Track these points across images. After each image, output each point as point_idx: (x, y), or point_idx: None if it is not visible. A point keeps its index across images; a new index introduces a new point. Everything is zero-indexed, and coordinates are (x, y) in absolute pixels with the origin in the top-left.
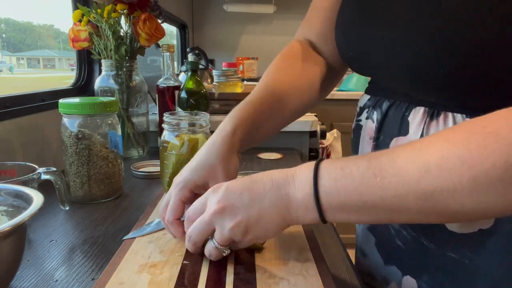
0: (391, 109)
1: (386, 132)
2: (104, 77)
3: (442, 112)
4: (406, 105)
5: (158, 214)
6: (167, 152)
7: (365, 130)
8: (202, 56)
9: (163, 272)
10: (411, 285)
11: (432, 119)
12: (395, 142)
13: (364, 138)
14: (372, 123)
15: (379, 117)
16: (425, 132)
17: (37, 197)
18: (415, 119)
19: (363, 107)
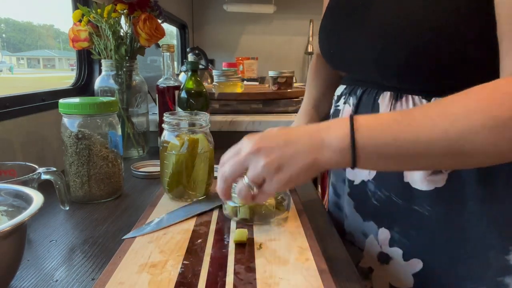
0: (364, 95)
1: (361, 113)
2: (104, 77)
3: (404, 95)
4: (376, 91)
5: (158, 214)
6: (167, 152)
7: (343, 113)
8: (202, 56)
9: (163, 272)
10: (385, 235)
11: (397, 101)
12: None
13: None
14: (349, 107)
15: (354, 101)
16: (391, 110)
17: (37, 197)
18: (384, 102)
19: (340, 95)
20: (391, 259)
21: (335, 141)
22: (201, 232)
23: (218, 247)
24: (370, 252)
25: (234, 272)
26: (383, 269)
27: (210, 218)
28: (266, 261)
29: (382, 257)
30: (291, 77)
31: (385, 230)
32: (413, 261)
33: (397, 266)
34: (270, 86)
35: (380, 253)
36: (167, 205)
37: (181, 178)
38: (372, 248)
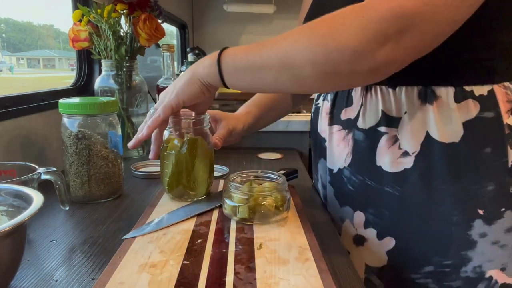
0: (340, 90)
1: (337, 107)
2: (104, 77)
3: (373, 86)
4: None
5: (158, 214)
6: (167, 152)
7: (322, 108)
8: (202, 56)
9: (163, 272)
10: (361, 217)
11: (367, 92)
12: (344, 112)
13: (322, 114)
14: (328, 102)
15: (332, 97)
16: (363, 102)
17: (37, 197)
18: (356, 94)
19: (319, 94)
20: (366, 240)
21: (207, 60)
22: (201, 232)
23: (218, 247)
24: (346, 235)
25: (234, 272)
26: (359, 250)
27: (210, 218)
28: (266, 261)
29: (358, 239)
30: None
31: (360, 213)
32: (386, 240)
33: (372, 246)
34: None
35: (356, 236)
36: (167, 205)
37: (181, 178)
38: (349, 231)
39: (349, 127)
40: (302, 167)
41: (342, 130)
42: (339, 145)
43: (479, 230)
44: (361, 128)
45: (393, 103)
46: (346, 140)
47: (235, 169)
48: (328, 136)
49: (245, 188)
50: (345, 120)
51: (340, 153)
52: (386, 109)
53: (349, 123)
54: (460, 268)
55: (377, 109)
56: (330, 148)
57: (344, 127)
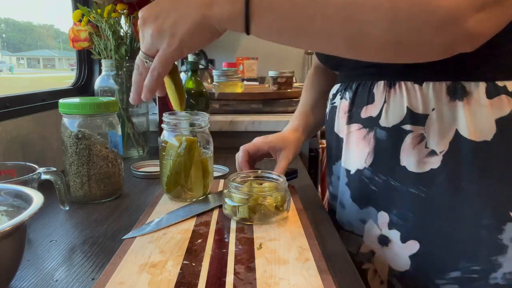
0: (359, 88)
1: (357, 104)
2: (104, 77)
3: (397, 82)
4: (370, 82)
5: (158, 214)
6: (165, 152)
7: (340, 107)
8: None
9: (163, 272)
10: (384, 218)
11: (390, 88)
12: (365, 110)
13: (339, 114)
14: (346, 101)
15: (350, 95)
16: (386, 98)
17: (37, 197)
18: (379, 90)
19: (335, 92)
20: (390, 241)
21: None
22: (201, 232)
23: (218, 247)
24: (370, 236)
25: (234, 272)
26: (383, 251)
27: (210, 218)
28: (266, 261)
29: (382, 239)
30: (291, 77)
31: (384, 213)
32: (410, 243)
33: (396, 248)
34: (270, 86)
35: (380, 236)
36: (167, 205)
37: (180, 178)
38: (372, 232)
39: (370, 126)
40: (302, 167)
41: (362, 129)
42: (359, 145)
43: (511, 234)
44: (383, 126)
45: (420, 100)
46: (366, 139)
47: (235, 169)
48: (346, 136)
49: (245, 188)
50: (365, 118)
51: (359, 153)
52: (412, 106)
53: (371, 121)
54: (490, 274)
55: (401, 106)
56: (347, 148)
57: (364, 126)
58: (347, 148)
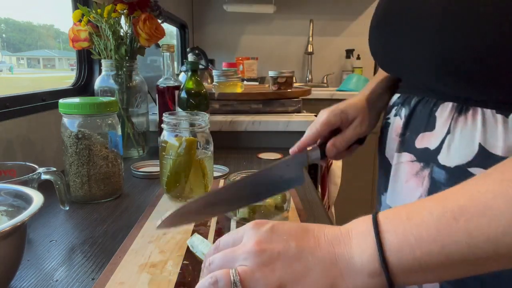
0: (419, 105)
1: (412, 128)
2: (104, 77)
3: (471, 108)
4: (434, 101)
5: (158, 214)
6: (165, 152)
7: (392, 127)
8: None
9: (163, 272)
10: (433, 285)
11: (460, 115)
12: (421, 138)
13: (391, 135)
14: (400, 120)
15: (406, 113)
16: (452, 128)
17: (37, 197)
18: (443, 115)
19: (392, 105)
20: None
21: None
22: (201, 232)
23: None
24: None
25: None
26: None
27: (210, 218)
28: None
29: None
30: (291, 77)
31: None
32: None
33: None
34: (270, 86)
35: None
36: (167, 205)
37: (179, 178)
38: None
39: (425, 160)
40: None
41: (415, 162)
42: (409, 182)
43: None
44: (443, 165)
45: (501, 136)
46: (419, 177)
47: (235, 169)
48: (395, 166)
49: None
50: (421, 149)
51: (409, 193)
52: (487, 143)
53: (427, 154)
54: None
55: (471, 140)
56: (394, 182)
57: (418, 159)
58: (394, 182)
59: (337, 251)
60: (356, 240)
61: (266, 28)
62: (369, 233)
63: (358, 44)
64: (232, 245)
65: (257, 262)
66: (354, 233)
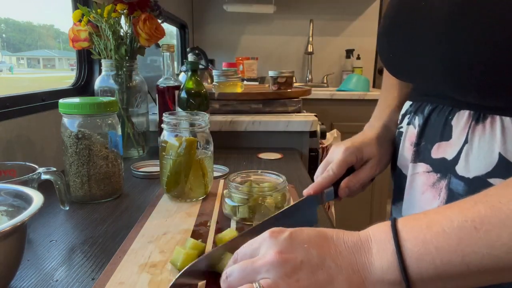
0: (433, 114)
1: (427, 138)
2: (104, 77)
3: (489, 116)
4: (449, 109)
5: (158, 214)
6: (165, 152)
7: (405, 136)
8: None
9: (163, 272)
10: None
11: (477, 123)
12: (437, 148)
13: (404, 144)
14: (414, 129)
15: (420, 122)
16: (469, 137)
17: (37, 197)
18: (459, 123)
19: (404, 113)
20: None
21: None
22: (201, 232)
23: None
24: None
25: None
26: None
27: (210, 218)
28: None
29: None
30: (291, 77)
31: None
32: None
33: None
34: (270, 86)
35: None
36: (167, 205)
37: (180, 178)
38: None
39: (443, 171)
40: (302, 167)
41: (431, 172)
42: (425, 193)
43: None
44: (461, 176)
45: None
46: (436, 188)
47: (235, 169)
48: (410, 177)
49: (245, 188)
50: (437, 159)
51: (425, 204)
52: (508, 153)
53: (444, 165)
54: None
55: (491, 150)
56: (410, 193)
57: (435, 169)
58: (410, 193)
59: (358, 259)
60: (376, 248)
61: (266, 28)
62: (389, 241)
63: (358, 44)
64: (250, 256)
65: (280, 274)
66: (373, 240)
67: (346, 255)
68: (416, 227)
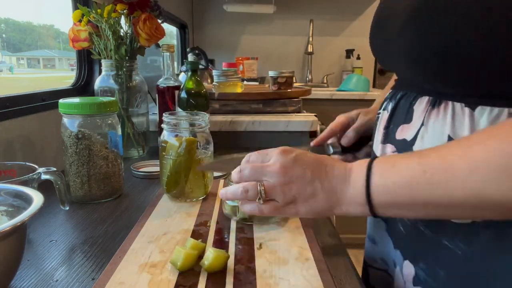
0: (402, 100)
1: (395, 121)
2: (104, 77)
3: (443, 101)
4: (414, 95)
5: (158, 214)
6: (165, 152)
7: (380, 120)
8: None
9: (163, 272)
10: (409, 270)
11: (433, 108)
12: (401, 130)
13: (379, 128)
14: (387, 113)
15: (392, 107)
16: (425, 120)
17: (37, 197)
18: (419, 108)
19: (384, 100)
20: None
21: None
22: (201, 232)
23: (218, 247)
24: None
25: (234, 272)
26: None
27: (210, 218)
28: (266, 261)
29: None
30: (291, 77)
31: (410, 264)
32: None
33: None
34: (270, 86)
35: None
36: (167, 205)
37: (180, 178)
38: (399, 282)
39: (403, 151)
40: None
41: (395, 153)
42: None
43: None
44: None
45: (467, 128)
46: None
47: None
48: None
49: None
50: (400, 140)
51: None
52: (455, 135)
53: (404, 145)
54: None
55: (442, 132)
56: None
57: (398, 150)
58: None
59: (339, 185)
60: (353, 178)
61: (266, 28)
62: (363, 175)
63: (358, 44)
64: (260, 162)
65: (279, 181)
66: (353, 173)
67: (331, 180)
68: (386, 165)
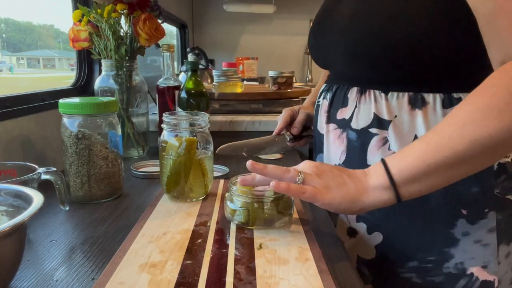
0: (338, 91)
1: (334, 106)
2: (104, 77)
3: (367, 89)
4: (346, 87)
5: (158, 214)
6: (165, 152)
7: (322, 107)
8: (202, 56)
9: (163, 272)
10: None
11: (362, 95)
12: (340, 112)
13: (320, 112)
14: (326, 101)
15: (330, 96)
16: (357, 104)
17: (37, 197)
18: (352, 95)
19: (321, 92)
20: (357, 233)
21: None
22: (201, 232)
23: (218, 247)
24: (341, 228)
25: (234, 272)
26: (351, 242)
27: (210, 218)
28: (266, 261)
29: (351, 231)
30: (291, 77)
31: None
32: (375, 234)
33: (363, 239)
34: (270, 86)
35: (349, 228)
36: (167, 205)
37: (180, 178)
38: (343, 223)
39: (343, 127)
40: None
41: (337, 129)
42: (335, 143)
43: (462, 229)
44: (354, 128)
45: (385, 107)
46: (341, 138)
47: (235, 169)
48: (326, 134)
49: (247, 191)
50: (340, 119)
51: (335, 150)
52: (378, 112)
53: (344, 122)
54: (443, 264)
55: (369, 111)
56: (327, 145)
57: (339, 126)
58: (327, 144)
59: (362, 177)
60: (372, 170)
61: (266, 28)
62: (380, 165)
63: None
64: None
65: (314, 171)
66: (371, 168)
67: (355, 174)
68: (394, 155)
